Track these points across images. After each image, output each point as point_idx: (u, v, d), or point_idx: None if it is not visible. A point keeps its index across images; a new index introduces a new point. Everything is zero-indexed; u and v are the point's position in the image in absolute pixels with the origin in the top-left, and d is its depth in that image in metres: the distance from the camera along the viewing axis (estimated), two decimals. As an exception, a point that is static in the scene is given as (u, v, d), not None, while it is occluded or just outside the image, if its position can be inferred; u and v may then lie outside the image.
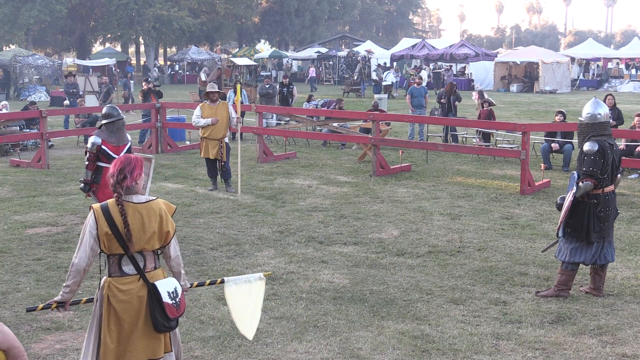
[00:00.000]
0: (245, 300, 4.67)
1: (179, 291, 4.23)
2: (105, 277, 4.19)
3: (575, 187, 6.51)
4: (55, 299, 4.26)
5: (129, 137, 8.69)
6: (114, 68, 44.42)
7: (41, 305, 4.41)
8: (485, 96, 17.58)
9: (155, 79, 29.59)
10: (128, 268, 4.14)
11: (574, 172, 6.72)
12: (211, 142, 11.54)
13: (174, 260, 4.32)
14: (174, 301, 4.16)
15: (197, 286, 4.84)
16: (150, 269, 4.20)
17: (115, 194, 4.12)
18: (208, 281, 4.97)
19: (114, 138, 8.41)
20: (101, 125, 8.50)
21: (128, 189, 4.13)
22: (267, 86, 21.47)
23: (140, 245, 4.12)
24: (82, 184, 8.48)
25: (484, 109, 16.39)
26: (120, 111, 8.65)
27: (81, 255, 4.10)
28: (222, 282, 4.73)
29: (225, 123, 11.63)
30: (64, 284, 4.20)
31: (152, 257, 4.22)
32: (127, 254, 4.11)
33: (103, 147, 8.34)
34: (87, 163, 8.41)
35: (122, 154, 8.26)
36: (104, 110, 8.65)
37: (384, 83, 35.62)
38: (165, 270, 4.38)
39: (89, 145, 8.41)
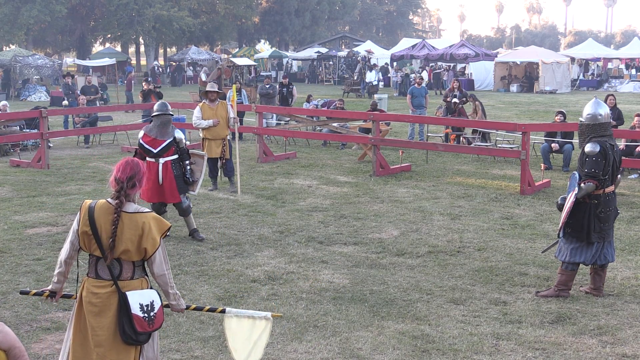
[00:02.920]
0: (245, 336, 4.31)
1: (157, 306, 4.07)
2: (84, 276, 4.16)
3: (577, 188, 6.51)
4: (47, 287, 4.31)
5: (176, 135, 8.73)
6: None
7: (34, 291, 4.47)
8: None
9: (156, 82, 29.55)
10: (103, 272, 4.05)
11: (575, 172, 6.72)
12: (214, 142, 11.58)
13: (159, 278, 4.12)
14: (145, 315, 4.00)
15: (194, 309, 4.59)
16: (126, 278, 4.05)
17: (117, 201, 4.02)
18: (207, 307, 4.65)
19: (157, 132, 8.61)
20: (151, 119, 8.86)
21: (129, 196, 4.06)
22: (267, 86, 21.47)
23: (116, 253, 4.01)
24: None
25: (461, 107, 16.87)
26: (169, 107, 8.84)
27: (64, 247, 4.16)
28: (223, 312, 4.41)
29: (225, 122, 11.66)
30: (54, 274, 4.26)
31: (130, 266, 4.06)
32: (104, 259, 4.03)
33: (141, 140, 8.61)
34: (134, 155, 8.50)
35: (158, 148, 8.42)
36: (155, 106, 8.88)
37: (368, 82, 35.70)
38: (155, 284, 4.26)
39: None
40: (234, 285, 6.99)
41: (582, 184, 6.46)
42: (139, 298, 4.03)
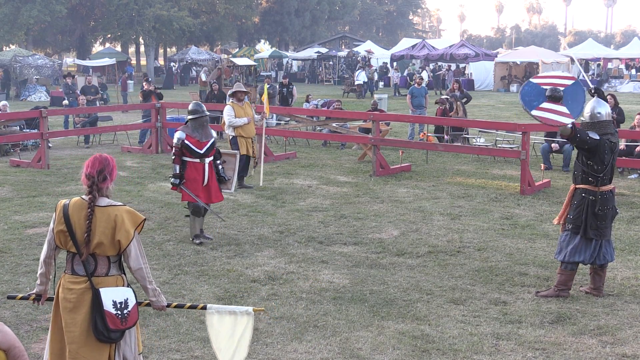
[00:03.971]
0: (228, 334, 4.25)
1: (131, 304, 4.07)
2: (62, 273, 4.20)
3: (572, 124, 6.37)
4: (33, 291, 4.35)
5: (214, 134, 8.79)
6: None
7: (20, 295, 4.54)
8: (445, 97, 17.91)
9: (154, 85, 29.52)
10: (78, 268, 4.08)
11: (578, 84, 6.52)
12: (247, 140, 11.80)
13: (136, 273, 4.11)
14: (119, 312, 4.00)
15: (175, 307, 4.55)
16: (101, 274, 4.07)
17: (90, 196, 4.04)
18: (188, 304, 4.62)
19: (198, 133, 8.55)
20: (187, 121, 8.72)
21: (101, 190, 4.08)
22: (267, 86, 21.46)
23: (90, 248, 4.03)
24: (173, 178, 8.51)
25: (440, 108, 17.05)
26: (205, 108, 8.79)
27: (43, 247, 4.25)
28: (204, 308, 4.38)
29: (253, 122, 11.95)
30: None
31: (105, 262, 4.07)
32: (79, 255, 4.06)
33: (186, 141, 8.45)
34: (173, 157, 8.52)
35: (204, 149, 8.41)
36: (190, 106, 8.78)
37: (356, 82, 35.72)
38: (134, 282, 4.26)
39: (174, 140, 8.55)
40: (234, 285, 6.99)
41: (574, 131, 6.31)
42: (113, 295, 4.03)
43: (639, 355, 5.40)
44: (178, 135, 8.55)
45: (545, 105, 6.48)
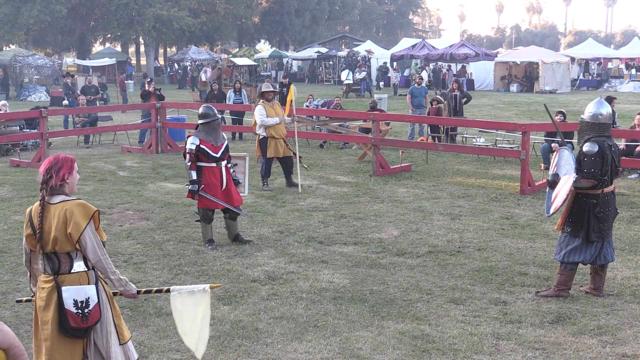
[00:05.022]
0: (191, 316, 4.33)
1: (92, 303, 4.13)
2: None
3: (575, 176, 6.43)
4: (32, 293, 4.48)
5: (225, 136, 8.64)
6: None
7: (24, 299, 4.81)
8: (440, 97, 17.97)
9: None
10: (47, 267, 4.21)
11: (563, 148, 6.68)
12: (279, 141, 11.74)
13: (96, 265, 4.18)
14: (79, 311, 4.09)
15: (144, 293, 4.60)
16: (65, 271, 4.15)
17: (40, 194, 4.16)
18: (154, 289, 4.66)
19: (212, 137, 8.36)
20: (198, 125, 8.50)
21: (53, 188, 4.15)
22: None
23: (50, 246, 4.12)
24: (191, 185, 8.32)
25: (433, 106, 17.08)
26: (216, 111, 8.62)
27: (23, 252, 4.38)
28: (168, 291, 4.44)
29: (283, 121, 11.91)
30: None
31: (66, 259, 4.15)
32: (44, 254, 4.18)
33: (202, 146, 8.27)
34: (189, 164, 8.30)
35: (220, 152, 8.28)
36: (201, 110, 8.56)
37: (345, 82, 35.73)
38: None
39: (188, 146, 8.31)
40: (234, 285, 6.99)
41: (582, 180, 6.45)
42: (74, 294, 4.11)
43: (639, 355, 5.40)
44: (192, 140, 8.31)
45: (552, 197, 6.64)
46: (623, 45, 63.00)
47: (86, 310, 4.10)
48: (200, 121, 8.47)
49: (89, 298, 4.13)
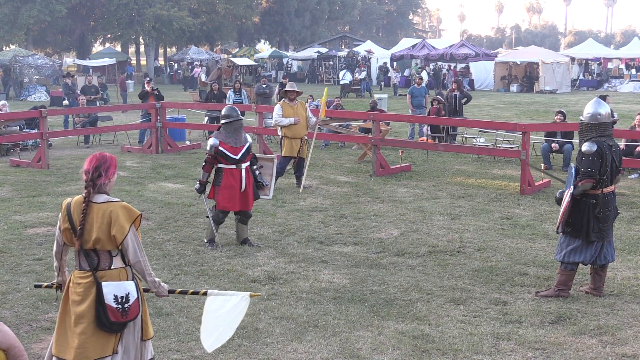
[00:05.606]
0: (224, 315, 4.41)
1: (132, 298, 4.24)
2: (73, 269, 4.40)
3: (572, 187, 6.51)
4: (54, 281, 4.65)
5: (249, 138, 8.48)
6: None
7: (45, 284, 4.96)
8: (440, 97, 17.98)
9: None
10: (84, 264, 4.27)
11: (572, 164, 6.72)
12: (294, 141, 11.69)
13: (134, 266, 4.28)
14: (119, 306, 4.20)
15: (179, 293, 4.70)
16: (104, 268, 4.24)
17: (85, 191, 4.21)
18: (191, 290, 4.76)
19: (232, 139, 8.24)
20: (220, 126, 8.42)
21: (100, 187, 4.23)
22: (264, 86, 21.39)
23: (90, 244, 4.20)
24: (198, 184, 8.33)
25: (433, 107, 17.07)
26: (239, 112, 8.51)
27: (54, 244, 4.46)
28: (205, 294, 4.53)
29: (304, 122, 11.80)
30: None
31: (106, 256, 4.24)
32: (82, 250, 4.25)
33: (221, 148, 8.15)
34: (203, 164, 8.28)
35: (240, 154, 8.16)
36: (223, 111, 8.47)
37: (341, 82, 35.72)
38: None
39: (207, 147, 8.26)
40: (234, 285, 6.98)
41: (579, 183, 6.47)
42: (114, 289, 4.21)
43: (639, 355, 5.39)
44: (211, 142, 8.23)
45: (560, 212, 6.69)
46: (623, 45, 62.98)
47: (126, 305, 4.21)
48: (222, 121, 8.36)
49: (129, 293, 4.24)
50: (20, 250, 8.23)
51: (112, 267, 4.25)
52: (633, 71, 43.90)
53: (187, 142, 17.58)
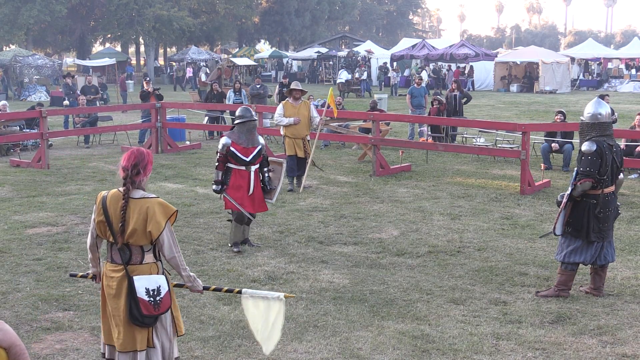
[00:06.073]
0: (263, 317, 4.50)
1: (163, 291, 4.30)
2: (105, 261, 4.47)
3: (570, 188, 6.52)
4: (89, 271, 4.74)
5: (262, 140, 8.36)
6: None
7: (80, 274, 5.03)
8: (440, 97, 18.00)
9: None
10: (117, 257, 4.33)
11: (576, 168, 6.72)
12: (295, 141, 11.61)
13: (170, 261, 4.34)
14: (151, 299, 4.26)
15: (213, 290, 4.75)
16: (136, 262, 4.30)
17: (124, 187, 4.26)
18: (225, 288, 4.86)
19: (244, 139, 8.12)
20: (233, 125, 8.34)
21: (138, 183, 4.29)
22: (257, 86, 21.27)
23: (125, 238, 4.26)
24: (214, 185, 8.19)
25: (434, 107, 17.11)
26: (253, 113, 8.41)
27: (88, 236, 4.51)
28: (240, 292, 4.61)
29: (307, 122, 11.66)
30: None
31: (139, 251, 4.30)
32: (116, 244, 4.29)
33: (232, 148, 8.05)
34: (216, 164, 8.16)
35: (251, 157, 8.07)
36: (238, 111, 8.34)
37: (338, 81, 35.71)
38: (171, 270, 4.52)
39: (219, 146, 8.14)
40: (234, 285, 6.98)
41: (578, 183, 6.47)
42: (146, 282, 4.27)
43: (639, 355, 5.40)
44: (223, 141, 8.12)
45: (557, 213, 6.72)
46: (623, 45, 63.00)
47: (158, 298, 4.27)
48: (236, 121, 8.28)
49: (160, 286, 4.30)
50: (20, 250, 8.23)
51: (144, 262, 4.32)
52: (633, 71, 43.91)
53: (187, 142, 17.58)
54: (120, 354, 4.34)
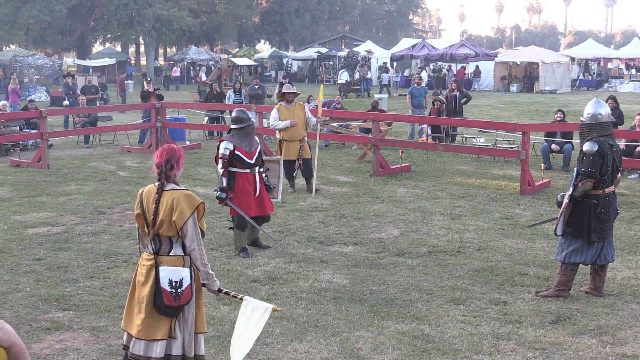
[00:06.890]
0: (247, 324, 4.48)
1: (185, 284, 4.42)
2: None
3: (571, 188, 6.52)
4: None
5: (258, 140, 8.33)
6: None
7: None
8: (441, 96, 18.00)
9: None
10: (150, 247, 4.55)
11: (576, 168, 6.72)
12: (292, 144, 11.45)
13: (190, 252, 4.46)
14: (173, 290, 4.40)
15: (224, 294, 4.70)
16: (164, 253, 4.48)
17: (159, 182, 4.47)
18: (233, 293, 4.80)
19: (246, 143, 8.02)
20: (230, 130, 8.20)
21: (172, 178, 4.47)
22: (256, 87, 21.19)
23: (155, 229, 4.46)
24: (219, 192, 7.97)
25: (435, 107, 17.12)
26: (249, 115, 8.32)
27: (137, 228, 4.77)
28: (242, 299, 4.62)
29: (303, 123, 11.54)
30: None
31: (167, 242, 4.47)
32: (148, 235, 4.52)
33: (237, 152, 7.91)
34: (221, 170, 7.93)
35: (254, 158, 8.03)
36: (234, 114, 8.18)
37: (338, 81, 35.73)
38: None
39: (221, 151, 7.93)
40: (234, 285, 6.99)
41: (579, 184, 6.47)
42: (170, 274, 4.43)
43: (639, 355, 5.40)
44: (225, 145, 7.92)
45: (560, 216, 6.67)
46: (623, 45, 62.99)
47: (179, 290, 4.40)
48: (234, 126, 8.12)
49: (182, 279, 4.43)
50: (20, 250, 8.23)
51: (171, 254, 4.46)
52: (633, 71, 43.91)
53: (187, 142, 17.58)
54: (136, 341, 4.47)
